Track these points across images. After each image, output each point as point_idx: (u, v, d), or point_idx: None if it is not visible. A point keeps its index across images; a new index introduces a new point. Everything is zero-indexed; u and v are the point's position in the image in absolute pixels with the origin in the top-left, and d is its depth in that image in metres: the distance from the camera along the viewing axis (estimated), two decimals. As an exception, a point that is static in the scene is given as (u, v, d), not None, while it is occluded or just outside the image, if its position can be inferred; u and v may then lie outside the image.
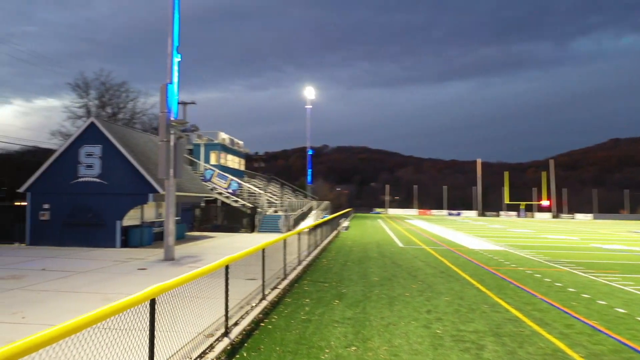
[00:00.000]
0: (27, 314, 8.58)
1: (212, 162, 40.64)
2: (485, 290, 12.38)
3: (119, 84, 53.23)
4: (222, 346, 6.98)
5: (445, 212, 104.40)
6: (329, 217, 34.48)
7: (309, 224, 27.21)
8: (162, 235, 22.44)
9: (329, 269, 15.91)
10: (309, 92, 66.30)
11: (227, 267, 7.74)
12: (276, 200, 38.05)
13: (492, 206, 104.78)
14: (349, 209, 68.02)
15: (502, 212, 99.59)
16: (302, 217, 40.75)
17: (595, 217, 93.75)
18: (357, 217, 72.89)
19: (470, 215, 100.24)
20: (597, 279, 14.37)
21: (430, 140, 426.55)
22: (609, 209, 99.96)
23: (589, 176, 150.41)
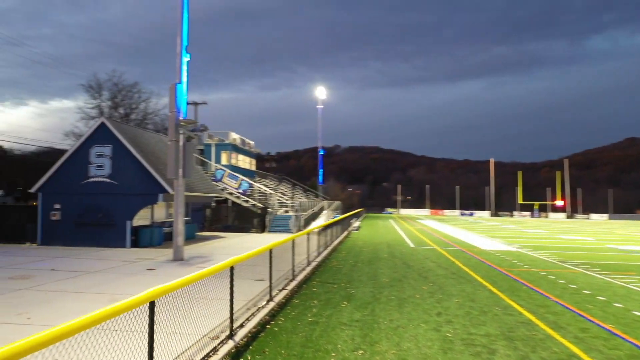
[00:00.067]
0: (33, 315, 8.54)
1: (223, 162, 40.69)
2: (497, 292, 12.13)
3: (131, 85, 53.74)
4: (226, 349, 6.85)
5: (457, 212, 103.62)
6: (340, 217, 34.29)
7: (319, 224, 27.04)
8: (172, 235, 22.40)
9: (339, 270, 15.74)
10: (320, 92, 66.33)
11: (232, 268, 7.61)
12: (287, 200, 37.97)
13: (505, 206, 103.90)
14: (361, 209, 67.75)
15: (515, 212, 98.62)
16: (313, 217, 40.63)
17: (610, 218, 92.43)
18: (369, 217, 72.62)
19: (483, 215, 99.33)
20: (613, 281, 14.02)
21: (442, 140, 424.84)
22: (624, 209, 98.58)
23: (604, 176, 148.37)
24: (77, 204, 21.38)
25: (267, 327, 8.43)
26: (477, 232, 38.11)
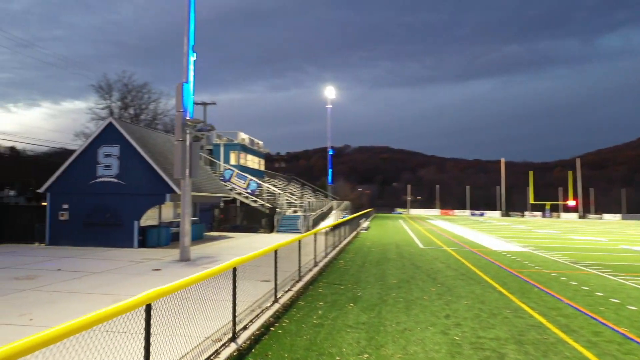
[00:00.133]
0: (36, 316, 8.47)
1: (232, 162, 40.69)
2: (507, 293, 11.88)
3: (140, 86, 53.98)
4: (228, 352, 6.71)
5: (468, 213, 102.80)
6: (348, 217, 34.10)
7: (328, 224, 26.88)
8: (179, 235, 22.39)
9: (346, 271, 15.57)
10: (330, 91, 66.19)
11: (234, 269, 7.47)
12: (295, 200, 37.85)
13: (516, 206, 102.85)
14: (370, 209, 67.49)
15: (526, 213, 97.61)
16: (322, 217, 40.47)
17: (623, 218, 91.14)
18: (378, 217, 72.29)
19: (493, 215, 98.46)
20: (627, 283, 13.70)
21: (453, 139, 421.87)
22: (638, 209, 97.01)
23: (617, 175, 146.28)
24: (85, 204, 21.42)
25: (271, 329, 8.28)
26: (487, 233, 37.70)
